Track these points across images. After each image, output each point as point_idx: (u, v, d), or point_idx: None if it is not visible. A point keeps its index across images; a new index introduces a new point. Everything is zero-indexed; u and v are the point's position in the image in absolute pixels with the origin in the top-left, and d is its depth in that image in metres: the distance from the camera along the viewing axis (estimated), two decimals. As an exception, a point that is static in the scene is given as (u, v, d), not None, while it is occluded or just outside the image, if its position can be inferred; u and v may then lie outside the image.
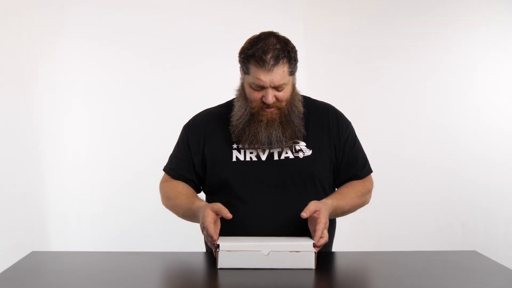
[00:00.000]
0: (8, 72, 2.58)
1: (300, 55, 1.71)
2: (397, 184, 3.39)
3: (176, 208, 1.77)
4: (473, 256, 1.67)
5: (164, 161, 1.89)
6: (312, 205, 1.56)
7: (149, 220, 3.19)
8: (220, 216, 1.56)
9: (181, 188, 1.78)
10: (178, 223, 2.47)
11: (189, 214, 1.71)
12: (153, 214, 3.14)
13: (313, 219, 1.56)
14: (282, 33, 1.73)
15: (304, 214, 1.52)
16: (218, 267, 1.47)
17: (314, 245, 1.48)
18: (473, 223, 3.33)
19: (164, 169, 1.87)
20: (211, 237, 1.50)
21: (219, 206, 1.56)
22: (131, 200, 3.20)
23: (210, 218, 1.53)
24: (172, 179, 1.84)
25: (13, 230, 2.59)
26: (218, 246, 1.48)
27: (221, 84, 2.84)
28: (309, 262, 1.47)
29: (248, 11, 3.29)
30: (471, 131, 3.34)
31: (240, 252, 1.47)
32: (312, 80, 3.26)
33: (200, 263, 1.60)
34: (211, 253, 1.62)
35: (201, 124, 1.81)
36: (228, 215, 1.54)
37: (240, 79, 1.75)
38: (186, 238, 2.25)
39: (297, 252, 1.47)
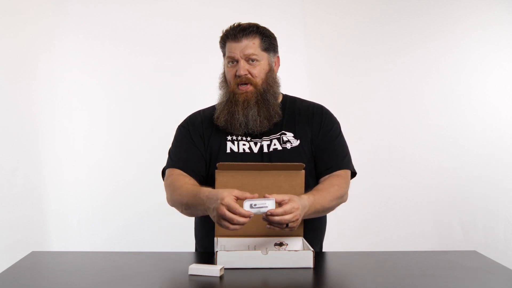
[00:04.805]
0: (7, 71, 2.58)
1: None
2: (397, 184, 3.40)
3: (180, 198, 1.67)
4: (473, 256, 1.67)
5: (164, 161, 1.86)
6: (280, 196, 1.50)
7: (149, 220, 3.19)
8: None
9: (188, 179, 1.73)
10: (178, 223, 2.48)
11: (193, 201, 1.61)
12: (153, 214, 3.14)
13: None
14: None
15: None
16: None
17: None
18: (473, 223, 3.33)
19: (168, 166, 1.81)
20: (240, 215, 1.41)
21: (238, 191, 1.48)
22: (131, 200, 3.20)
23: (231, 196, 1.46)
24: (178, 172, 1.77)
25: (13, 230, 2.58)
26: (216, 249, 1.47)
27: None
28: (308, 261, 1.47)
29: (249, 11, 3.28)
30: (471, 131, 3.34)
31: (239, 252, 1.48)
32: (313, 79, 3.26)
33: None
34: (211, 253, 1.62)
35: (197, 122, 1.85)
36: (247, 194, 1.47)
37: (222, 66, 1.86)
38: (187, 238, 2.25)
39: (296, 252, 1.47)
